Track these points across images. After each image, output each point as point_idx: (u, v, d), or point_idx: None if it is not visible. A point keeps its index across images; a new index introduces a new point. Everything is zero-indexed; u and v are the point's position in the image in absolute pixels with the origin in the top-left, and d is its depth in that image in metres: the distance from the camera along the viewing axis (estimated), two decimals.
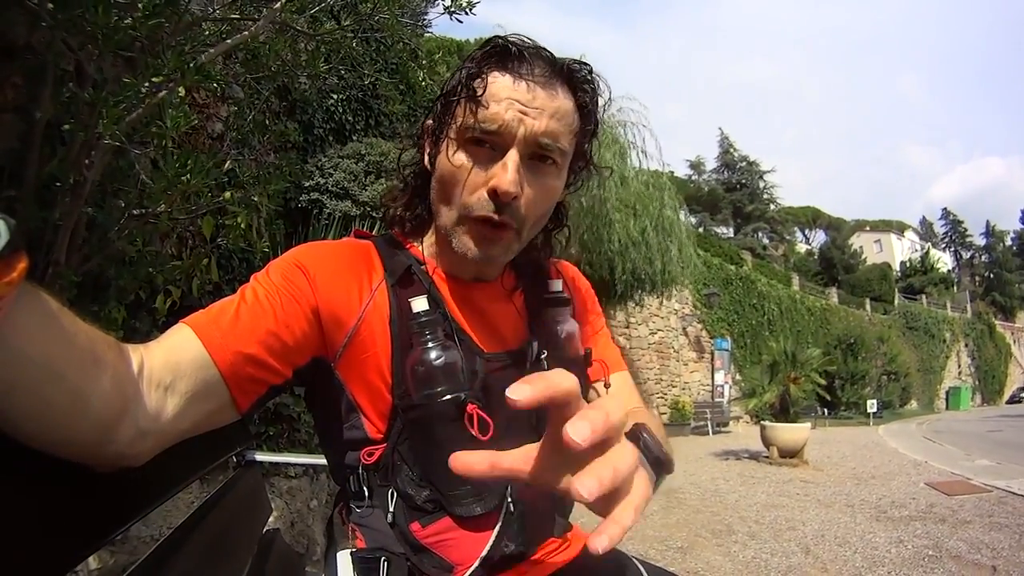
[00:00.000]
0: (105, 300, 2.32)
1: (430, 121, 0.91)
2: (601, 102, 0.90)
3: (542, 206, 0.87)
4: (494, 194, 0.80)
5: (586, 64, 0.87)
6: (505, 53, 0.82)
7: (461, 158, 0.83)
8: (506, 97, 0.80)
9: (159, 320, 2.75)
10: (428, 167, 0.91)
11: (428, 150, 0.91)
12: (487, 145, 0.82)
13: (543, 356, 0.94)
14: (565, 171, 0.89)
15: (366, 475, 0.87)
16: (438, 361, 0.82)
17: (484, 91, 0.80)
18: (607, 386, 1.04)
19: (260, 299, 0.79)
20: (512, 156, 0.80)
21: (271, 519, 1.69)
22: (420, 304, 0.84)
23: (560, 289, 1.02)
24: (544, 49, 0.84)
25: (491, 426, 0.81)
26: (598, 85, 0.89)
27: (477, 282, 0.95)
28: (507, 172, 0.79)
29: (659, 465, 0.76)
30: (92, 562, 2.12)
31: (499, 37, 0.83)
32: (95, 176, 1.94)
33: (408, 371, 0.83)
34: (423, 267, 0.93)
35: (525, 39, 0.84)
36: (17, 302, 0.47)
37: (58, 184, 1.89)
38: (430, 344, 0.82)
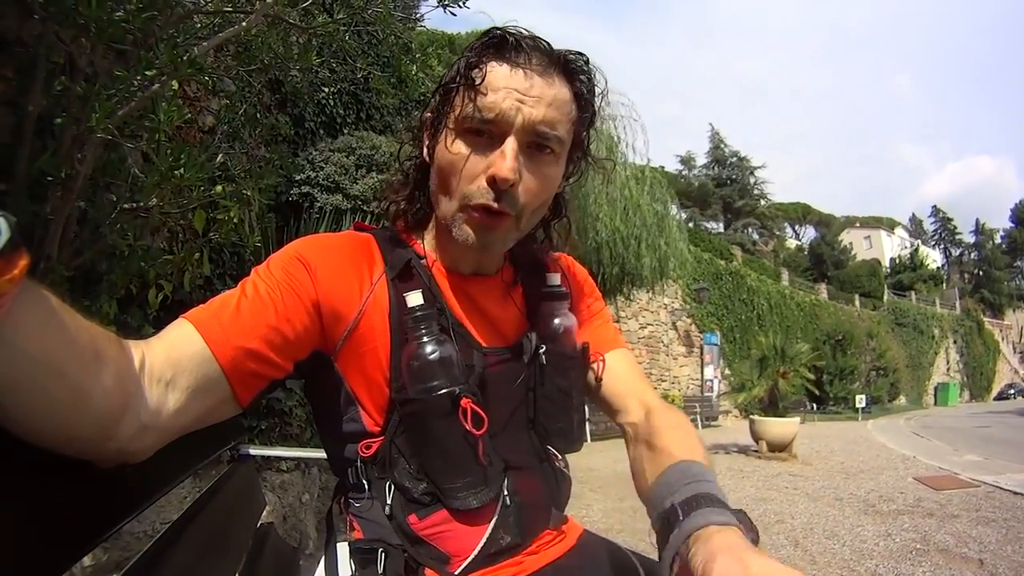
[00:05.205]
0: (96, 295, 2.31)
1: (428, 114, 0.91)
2: (597, 91, 0.91)
3: (541, 195, 0.88)
4: (492, 182, 0.81)
5: (582, 54, 0.88)
6: (503, 43, 0.83)
7: (460, 147, 0.83)
8: (503, 86, 0.81)
9: (150, 315, 2.73)
10: (427, 160, 0.91)
11: (427, 142, 0.92)
12: (485, 134, 0.82)
13: (541, 350, 0.94)
14: (563, 160, 0.90)
15: (364, 468, 0.87)
16: (433, 355, 0.82)
17: (482, 80, 0.81)
18: (598, 378, 1.03)
19: (261, 293, 0.79)
20: (510, 143, 0.81)
21: (264, 513, 1.69)
22: (415, 299, 0.85)
23: (558, 283, 1.02)
24: (541, 39, 0.85)
25: (485, 420, 0.82)
26: (594, 74, 0.90)
27: (476, 276, 0.96)
28: (505, 159, 0.80)
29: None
30: (86, 559, 2.11)
31: (497, 28, 0.84)
32: (87, 170, 1.93)
33: (404, 365, 0.83)
34: (423, 261, 0.93)
35: (523, 30, 0.85)
36: (18, 299, 0.47)
37: (49, 178, 1.87)
38: (425, 338, 0.83)
